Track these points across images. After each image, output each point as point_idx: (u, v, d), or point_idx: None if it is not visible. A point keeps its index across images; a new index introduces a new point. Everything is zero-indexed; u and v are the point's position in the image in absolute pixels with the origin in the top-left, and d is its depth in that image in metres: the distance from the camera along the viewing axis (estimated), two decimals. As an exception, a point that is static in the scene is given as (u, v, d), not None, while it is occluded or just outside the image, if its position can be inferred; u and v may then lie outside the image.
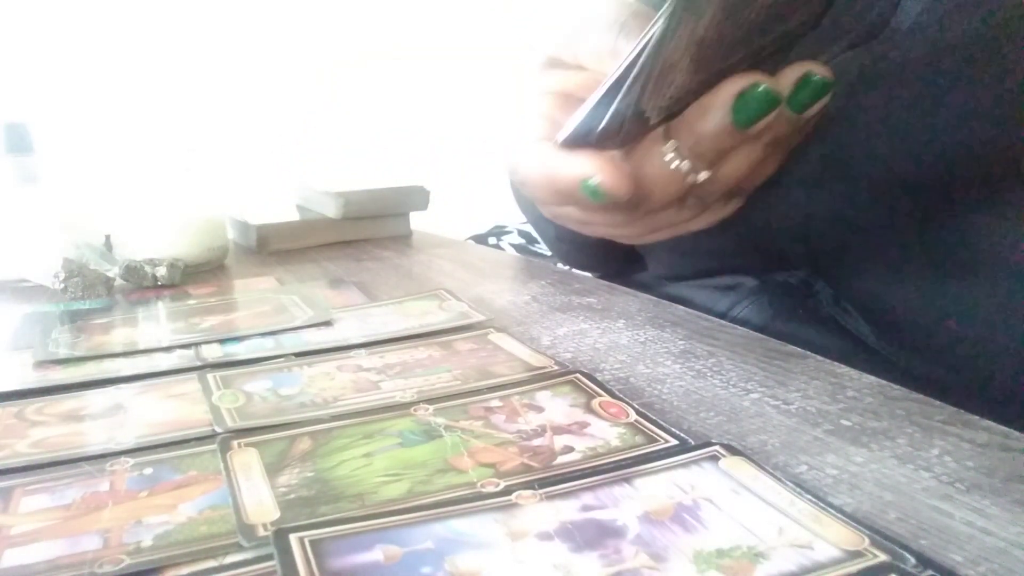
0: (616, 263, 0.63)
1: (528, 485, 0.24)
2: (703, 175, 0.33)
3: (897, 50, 0.40)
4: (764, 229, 0.44)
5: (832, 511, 0.22)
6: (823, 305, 0.45)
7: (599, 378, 0.33)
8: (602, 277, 0.70)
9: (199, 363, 0.37)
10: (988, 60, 0.35)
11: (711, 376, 0.34)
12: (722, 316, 0.46)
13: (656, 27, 0.27)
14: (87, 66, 1.53)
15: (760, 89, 0.31)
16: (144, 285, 0.54)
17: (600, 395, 0.31)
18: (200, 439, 0.29)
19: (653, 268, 0.58)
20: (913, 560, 0.20)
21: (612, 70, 0.30)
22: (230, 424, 0.30)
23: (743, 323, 0.45)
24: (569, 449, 0.27)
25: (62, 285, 0.51)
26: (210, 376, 0.35)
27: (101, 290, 0.52)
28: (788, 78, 0.31)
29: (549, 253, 1.15)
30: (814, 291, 0.46)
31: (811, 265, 0.44)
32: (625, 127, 0.32)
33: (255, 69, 1.68)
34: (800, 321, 0.44)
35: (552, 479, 0.25)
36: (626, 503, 0.23)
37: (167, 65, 1.59)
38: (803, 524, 0.22)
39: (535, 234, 1.21)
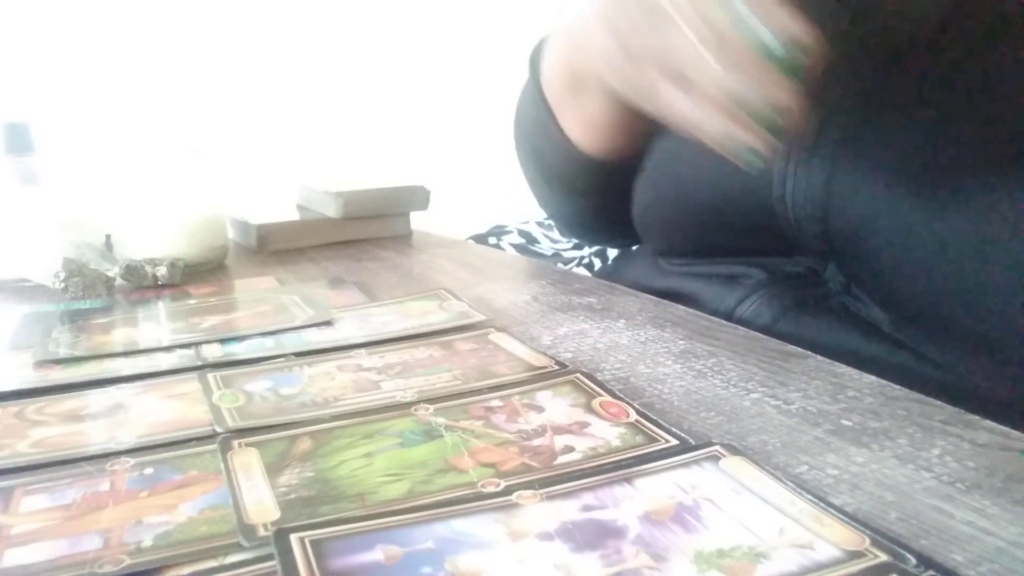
0: (605, 219, 0.62)
1: (529, 485, 0.24)
2: None
3: (935, 36, 0.40)
4: (780, 204, 0.44)
5: (833, 511, 0.22)
6: (832, 294, 0.45)
7: (599, 378, 0.33)
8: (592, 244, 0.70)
9: (199, 363, 0.37)
10: (1009, 48, 0.35)
11: (711, 376, 0.34)
12: (730, 312, 0.46)
13: None
14: (87, 66, 1.53)
15: None
16: (144, 285, 0.54)
17: (600, 395, 0.31)
18: (200, 439, 0.29)
19: (652, 242, 0.57)
20: (914, 560, 0.20)
21: None
22: (230, 424, 0.30)
23: (752, 320, 0.45)
24: (570, 449, 0.27)
25: (62, 285, 0.51)
26: (210, 376, 0.35)
27: (101, 290, 0.52)
28: None
29: (549, 253, 1.15)
30: (823, 280, 0.45)
31: (825, 246, 0.43)
32: None
33: (255, 69, 1.68)
34: (811, 314, 0.44)
35: (553, 479, 0.24)
36: (627, 503, 0.23)
37: (167, 65, 1.59)
38: (804, 524, 0.22)
39: (535, 234, 1.22)
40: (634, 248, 0.66)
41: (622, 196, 0.58)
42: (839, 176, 0.40)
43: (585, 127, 0.53)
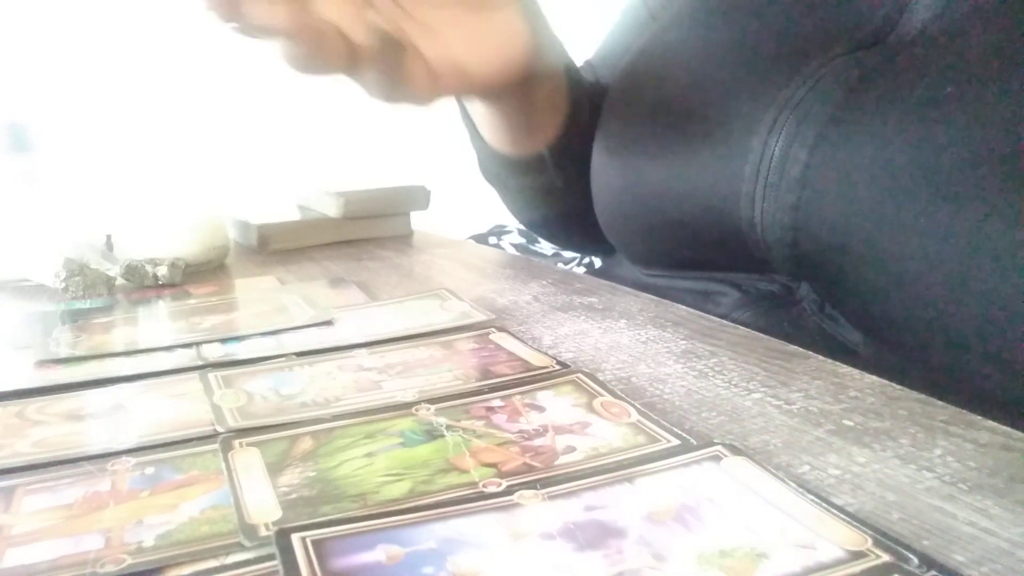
0: (575, 222, 0.64)
1: (530, 485, 0.24)
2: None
3: (901, 56, 0.40)
4: (749, 227, 0.43)
5: (835, 511, 0.22)
6: (808, 313, 0.44)
7: (601, 378, 0.33)
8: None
9: (200, 362, 0.37)
10: (1002, 74, 0.35)
11: (713, 376, 0.34)
12: None
13: None
14: (87, 66, 1.53)
15: None
16: (145, 284, 0.54)
17: (602, 395, 0.31)
18: (201, 439, 0.29)
19: (627, 257, 0.58)
20: (916, 560, 0.20)
21: None
22: (231, 424, 0.30)
23: None
24: (571, 449, 0.27)
25: (63, 284, 0.51)
26: (211, 375, 0.35)
27: (102, 289, 0.52)
28: None
29: (550, 253, 1.15)
30: (797, 299, 0.45)
31: (796, 269, 0.43)
32: None
33: (255, 68, 1.68)
34: (785, 336, 0.44)
35: (554, 479, 0.24)
36: (628, 503, 0.23)
37: (167, 65, 1.59)
38: (806, 524, 0.22)
39: (536, 234, 1.21)
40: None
41: (559, 189, 0.60)
42: (807, 200, 0.40)
43: (492, 133, 0.56)
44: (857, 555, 0.20)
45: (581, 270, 0.88)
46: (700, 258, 0.50)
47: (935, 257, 0.35)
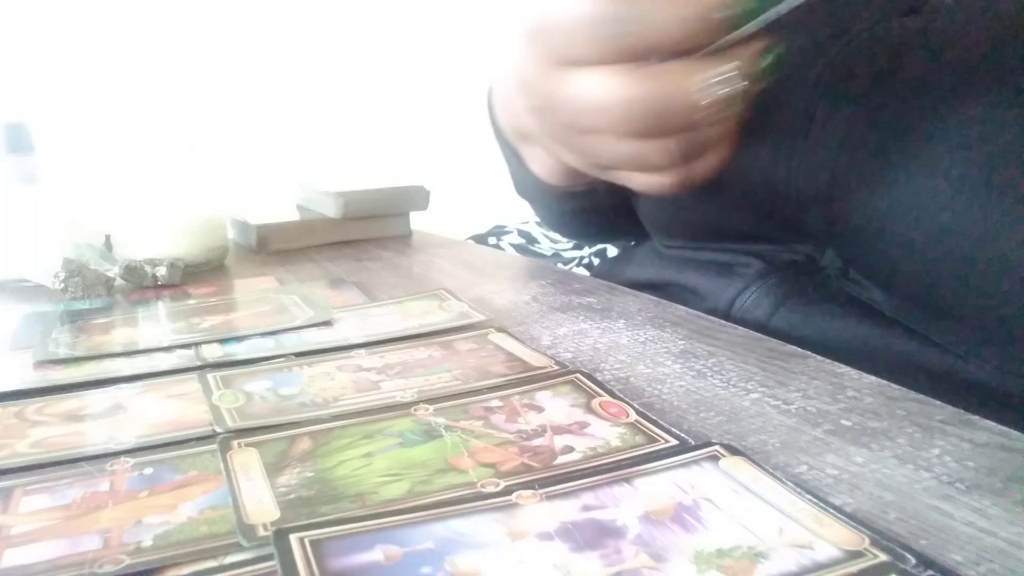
0: (612, 229, 0.63)
1: (528, 485, 0.24)
2: None
3: (941, 22, 0.40)
4: (784, 186, 0.43)
5: (832, 511, 0.22)
6: (832, 280, 0.44)
7: (599, 378, 0.33)
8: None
9: (199, 363, 0.37)
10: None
11: (711, 376, 0.34)
12: (730, 303, 0.46)
13: None
14: (87, 66, 1.53)
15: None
16: (144, 285, 0.54)
17: (600, 395, 0.31)
18: (200, 439, 0.29)
19: (651, 228, 0.57)
20: (913, 560, 0.20)
21: None
22: (230, 424, 0.30)
23: (752, 310, 0.45)
24: (569, 449, 0.27)
25: (62, 285, 0.51)
26: (210, 376, 0.35)
27: (101, 290, 0.52)
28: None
29: (549, 253, 1.15)
30: (820, 266, 0.45)
31: (827, 229, 0.43)
32: None
33: (255, 68, 1.68)
34: (811, 302, 0.44)
35: (552, 479, 0.25)
36: (626, 503, 0.23)
37: (167, 64, 1.59)
38: (803, 524, 0.22)
39: (535, 234, 1.22)
40: (632, 244, 0.66)
41: (606, 209, 0.57)
42: (844, 159, 0.40)
43: (546, 170, 0.47)
44: (854, 555, 0.20)
45: (581, 270, 0.88)
46: (731, 225, 0.49)
47: (970, 210, 0.35)
